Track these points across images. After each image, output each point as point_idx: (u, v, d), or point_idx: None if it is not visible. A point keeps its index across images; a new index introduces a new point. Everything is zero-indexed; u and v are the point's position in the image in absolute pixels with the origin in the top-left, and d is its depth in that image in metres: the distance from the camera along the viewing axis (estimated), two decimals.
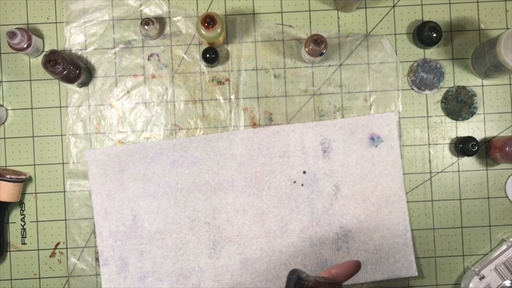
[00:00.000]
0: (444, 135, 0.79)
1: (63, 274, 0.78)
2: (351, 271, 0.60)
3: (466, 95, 0.78)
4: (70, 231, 0.78)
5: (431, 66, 0.78)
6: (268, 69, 0.78)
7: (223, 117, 0.78)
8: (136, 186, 0.77)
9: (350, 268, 0.59)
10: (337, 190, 0.77)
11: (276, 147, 0.77)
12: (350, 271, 0.59)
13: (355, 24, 0.79)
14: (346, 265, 0.59)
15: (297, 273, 0.58)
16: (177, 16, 0.78)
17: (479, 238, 0.78)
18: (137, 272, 0.76)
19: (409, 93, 0.79)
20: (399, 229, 0.77)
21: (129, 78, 0.78)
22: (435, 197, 0.78)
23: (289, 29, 0.79)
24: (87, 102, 0.78)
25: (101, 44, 0.78)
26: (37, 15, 0.79)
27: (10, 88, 0.78)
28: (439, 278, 0.78)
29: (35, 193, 0.78)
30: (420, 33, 0.76)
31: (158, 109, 0.78)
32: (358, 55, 0.78)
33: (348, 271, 0.59)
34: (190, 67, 0.78)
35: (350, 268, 0.59)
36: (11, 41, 0.72)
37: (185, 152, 0.77)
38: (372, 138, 0.78)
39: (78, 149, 0.78)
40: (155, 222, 0.77)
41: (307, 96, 0.78)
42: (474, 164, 0.79)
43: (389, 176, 0.77)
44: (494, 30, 0.78)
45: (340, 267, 0.59)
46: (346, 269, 0.59)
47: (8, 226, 0.78)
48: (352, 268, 0.60)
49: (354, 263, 0.60)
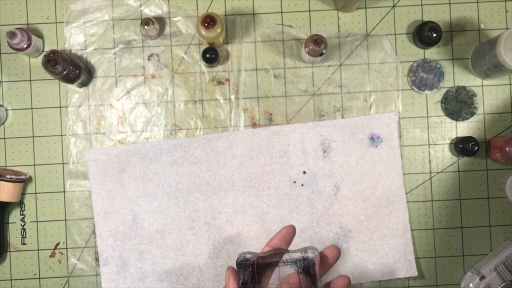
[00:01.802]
0: (444, 135, 0.79)
1: (63, 274, 0.78)
2: (289, 236, 0.61)
3: (466, 95, 0.78)
4: (70, 231, 0.78)
5: (431, 66, 0.78)
6: (268, 69, 0.78)
7: (223, 117, 0.78)
8: (136, 186, 0.77)
9: (287, 234, 0.61)
10: (337, 190, 0.77)
11: (276, 147, 0.77)
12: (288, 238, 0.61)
13: (355, 24, 0.79)
14: (282, 233, 0.61)
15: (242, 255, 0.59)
16: (177, 16, 0.78)
17: (479, 238, 0.78)
18: (137, 272, 0.76)
19: (409, 93, 0.79)
20: (399, 229, 0.77)
21: (129, 78, 0.78)
22: (435, 197, 0.78)
23: (289, 29, 0.79)
24: (87, 102, 0.78)
25: (101, 44, 0.78)
26: (37, 15, 0.79)
27: (10, 88, 0.78)
28: (439, 278, 0.78)
29: (35, 193, 0.78)
30: (420, 33, 0.76)
31: (158, 109, 0.78)
32: (358, 55, 0.78)
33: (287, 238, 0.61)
34: (190, 67, 0.78)
35: (287, 235, 0.61)
36: (11, 41, 0.72)
37: (185, 152, 0.77)
38: (372, 138, 0.78)
39: (78, 149, 0.78)
40: (155, 222, 0.77)
41: (307, 96, 0.78)
42: (474, 164, 0.79)
43: (389, 176, 0.77)
44: (494, 30, 0.78)
45: (277, 236, 0.61)
46: (284, 236, 0.61)
47: (8, 226, 0.78)
48: (288, 234, 0.61)
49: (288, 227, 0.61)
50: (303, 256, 0.59)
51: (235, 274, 0.59)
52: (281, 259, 0.59)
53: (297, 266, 0.59)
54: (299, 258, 0.59)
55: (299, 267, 0.59)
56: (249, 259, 0.58)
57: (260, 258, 0.59)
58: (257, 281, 0.59)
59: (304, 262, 0.59)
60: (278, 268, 0.60)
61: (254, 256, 0.59)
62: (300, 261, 0.59)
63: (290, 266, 0.59)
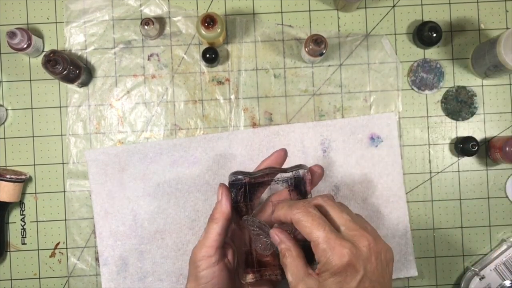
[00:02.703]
0: (444, 135, 0.79)
1: (63, 274, 0.78)
2: (281, 160, 0.63)
3: (466, 95, 0.78)
4: (70, 231, 0.78)
5: (431, 66, 0.78)
6: (268, 69, 0.78)
7: (223, 117, 0.78)
8: (136, 186, 0.77)
9: (279, 157, 0.63)
10: (337, 190, 0.77)
11: (276, 147, 0.77)
12: (280, 160, 0.63)
13: (355, 24, 0.79)
14: (274, 155, 0.62)
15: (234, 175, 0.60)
16: (177, 16, 0.78)
17: (479, 238, 0.78)
18: (137, 272, 0.76)
19: (409, 93, 0.79)
20: (399, 229, 0.77)
21: (129, 78, 0.78)
22: (435, 197, 0.78)
23: (289, 29, 0.79)
24: (87, 102, 0.78)
25: (101, 44, 0.78)
26: (37, 15, 0.79)
27: (10, 88, 0.78)
28: (439, 278, 0.79)
29: (35, 193, 0.78)
30: (420, 33, 0.76)
31: (158, 109, 0.78)
32: (358, 55, 0.78)
33: (279, 160, 0.63)
34: (190, 67, 0.78)
35: (278, 157, 0.63)
36: (11, 41, 0.72)
37: (185, 152, 0.77)
38: (372, 138, 0.78)
39: (78, 149, 0.78)
40: (155, 222, 0.77)
41: (307, 96, 0.78)
42: (474, 164, 0.79)
43: (389, 176, 0.77)
44: (494, 30, 0.78)
45: (269, 159, 0.62)
46: (276, 159, 0.62)
47: (8, 226, 0.78)
48: (280, 157, 0.63)
49: (280, 151, 0.63)
50: (294, 175, 0.60)
51: (228, 192, 0.60)
52: (273, 178, 0.61)
53: (288, 184, 0.61)
54: (290, 176, 0.60)
55: (290, 185, 0.61)
56: (241, 180, 0.60)
57: (252, 178, 0.60)
58: (249, 199, 0.60)
59: (295, 181, 0.60)
60: (269, 187, 0.61)
61: (246, 176, 0.60)
62: (291, 179, 0.60)
63: (281, 184, 0.61)
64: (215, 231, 0.58)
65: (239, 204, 0.60)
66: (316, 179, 0.62)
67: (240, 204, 0.60)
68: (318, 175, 0.62)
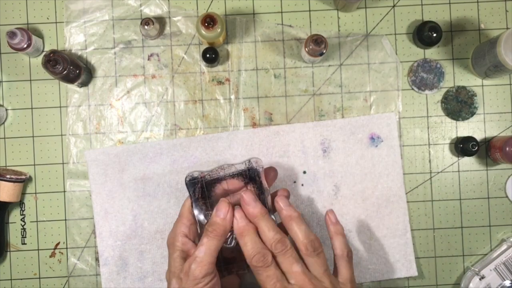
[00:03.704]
0: (444, 135, 0.79)
1: (63, 274, 0.78)
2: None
3: (466, 95, 0.78)
4: (70, 231, 0.78)
5: (431, 66, 0.78)
6: (268, 69, 0.78)
7: (223, 117, 0.78)
8: (136, 186, 0.77)
9: None
10: (337, 190, 0.77)
11: (276, 147, 0.77)
12: None
13: (355, 24, 0.79)
14: None
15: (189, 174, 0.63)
16: (177, 16, 0.78)
17: (479, 238, 0.78)
18: (137, 272, 0.76)
19: (409, 93, 0.79)
20: (399, 229, 0.77)
21: (129, 78, 0.78)
22: (435, 197, 0.78)
23: (289, 29, 0.78)
24: (87, 102, 0.78)
25: (101, 44, 0.78)
26: (37, 15, 0.79)
27: (10, 88, 0.78)
28: (439, 278, 0.79)
29: (35, 193, 0.78)
30: (420, 33, 0.76)
31: (158, 109, 0.78)
32: (358, 55, 0.78)
33: None
34: (190, 67, 0.78)
35: None
36: (11, 41, 0.72)
37: (185, 152, 0.77)
38: (372, 138, 0.78)
39: (78, 149, 0.78)
40: (155, 222, 0.77)
41: (307, 96, 0.78)
42: (474, 164, 0.79)
43: (389, 176, 0.77)
44: (494, 30, 0.78)
45: None
46: None
47: (8, 226, 0.78)
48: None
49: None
50: (247, 167, 0.63)
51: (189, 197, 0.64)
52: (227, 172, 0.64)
53: (243, 177, 0.64)
54: (244, 169, 0.64)
55: (245, 177, 0.64)
56: (197, 177, 0.63)
57: (207, 174, 0.63)
58: (208, 196, 0.62)
59: (250, 172, 0.64)
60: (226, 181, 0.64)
61: (201, 173, 0.63)
62: (246, 171, 0.64)
63: (237, 178, 0.64)
64: (215, 246, 0.60)
65: (199, 201, 0.63)
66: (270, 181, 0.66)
67: (200, 201, 0.63)
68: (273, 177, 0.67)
